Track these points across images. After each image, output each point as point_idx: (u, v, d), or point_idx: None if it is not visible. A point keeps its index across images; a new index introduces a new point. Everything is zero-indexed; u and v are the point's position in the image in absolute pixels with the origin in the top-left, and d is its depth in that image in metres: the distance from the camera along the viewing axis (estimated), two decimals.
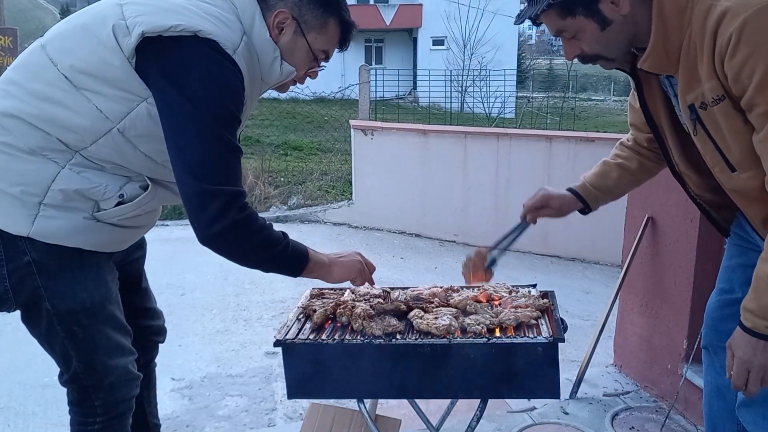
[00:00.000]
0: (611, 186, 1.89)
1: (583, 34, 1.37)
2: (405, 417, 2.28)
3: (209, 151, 1.45)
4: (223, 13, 1.52)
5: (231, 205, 1.46)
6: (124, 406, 1.74)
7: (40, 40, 1.57)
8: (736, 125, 1.31)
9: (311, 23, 1.61)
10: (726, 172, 1.41)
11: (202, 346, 3.87)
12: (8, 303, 1.58)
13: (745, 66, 1.21)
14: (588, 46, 1.39)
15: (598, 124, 16.76)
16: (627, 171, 1.87)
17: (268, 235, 1.55)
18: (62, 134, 1.49)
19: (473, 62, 19.42)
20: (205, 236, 1.48)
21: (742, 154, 1.34)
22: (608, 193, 1.90)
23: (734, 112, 1.29)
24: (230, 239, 1.48)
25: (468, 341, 1.64)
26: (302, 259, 1.64)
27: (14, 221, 1.51)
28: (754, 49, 1.19)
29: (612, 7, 1.33)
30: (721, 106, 1.30)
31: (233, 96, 1.50)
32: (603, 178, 1.89)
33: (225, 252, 1.53)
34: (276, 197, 8.04)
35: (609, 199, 1.92)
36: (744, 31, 1.19)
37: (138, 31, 1.42)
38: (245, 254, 1.56)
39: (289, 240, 1.61)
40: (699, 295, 2.64)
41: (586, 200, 1.91)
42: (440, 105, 15.61)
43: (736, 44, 1.20)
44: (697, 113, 1.35)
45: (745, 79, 1.22)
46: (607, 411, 2.79)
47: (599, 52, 1.40)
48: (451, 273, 5.68)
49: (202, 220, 1.46)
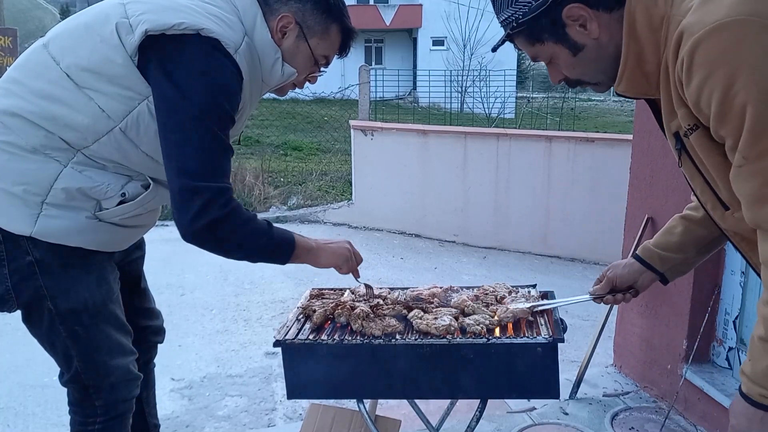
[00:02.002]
0: (676, 243, 1.59)
1: (557, 59, 1.28)
2: (405, 417, 2.28)
3: (199, 147, 1.46)
4: (225, 14, 1.53)
5: (214, 201, 1.45)
6: (125, 406, 1.75)
7: (42, 39, 1.57)
8: (715, 159, 1.16)
9: (314, 28, 1.62)
10: (719, 210, 1.26)
11: (201, 347, 3.87)
12: (9, 303, 1.58)
13: (701, 94, 1.06)
14: (566, 70, 1.30)
15: (598, 124, 16.76)
16: (693, 222, 1.55)
17: (252, 229, 1.55)
18: (64, 133, 1.49)
19: (473, 62, 19.40)
20: (186, 233, 1.47)
21: (730, 192, 1.17)
22: (676, 251, 1.59)
23: (710, 144, 1.15)
24: (212, 236, 1.48)
25: (467, 341, 1.64)
26: (288, 247, 1.64)
27: (16, 221, 1.51)
28: (707, 75, 1.04)
29: (581, 32, 1.22)
30: (696, 137, 1.16)
31: (229, 95, 1.50)
32: (667, 235, 1.61)
33: (208, 248, 1.53)
34: (276, 197, 8.04)
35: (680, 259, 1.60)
36: (696, 54, 1.04)
37: (141, 29, 1.43)
38: (229, 249, 1.56)
39: (274, 230, 1.60)
40: (699, 295, 2.65)
41: (649, 263, 1.62)
42: (440, 105, 15.62)
43: (689, 69, 1.06)
44: (682, 142, 1.21)
45: (705, 109, 1.08)
46: (607, 411, 2.79)
47: (579, 77, 1.30)
48: (451, 273, 5.68)
49: (185, 217, 1.46)
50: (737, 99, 1.02)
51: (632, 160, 3.09)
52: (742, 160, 1.07)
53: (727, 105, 1.03)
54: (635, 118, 3.12)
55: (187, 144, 1.45)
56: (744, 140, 1.05)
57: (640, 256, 1.64)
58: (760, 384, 1.15)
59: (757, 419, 1.17)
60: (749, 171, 1.07)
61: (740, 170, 1.09)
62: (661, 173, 2.86)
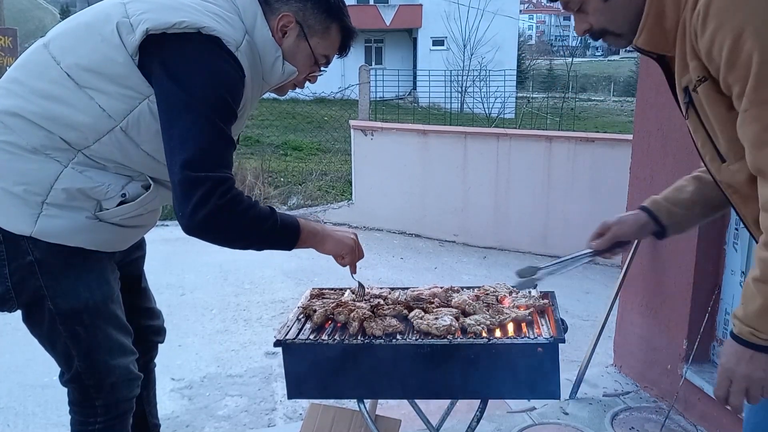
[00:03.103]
0: (686, 200, 1.60)
1: (587, 5, 1.33)
2: (405, 417, 2.28)
3: (200, 139, 1.44)
4: (226, 12, 1.53)
5: (214, 190, 1.43)
6: (125, 406, 1.75)
7: (42, 39, 1.58)
8: (719, 111, 1.23)
9: (314, 28, 1.63)
10: (716, 162, 1.31)
11: (201, 347, 3.87)
12: (10, 303, 1.58)
13: (714, 42, 1.15)
14: (593, 18, 1.34)
15: (598, 124, 16.77)
16: (705, 184, 1.57)
17: (254, 215, 1.51)
18: (65, 133, 1.49)
19: (473, 62, 19.42)
20: (188, 224, 1.45)
21: (728, 144, 1.25)
22: (685, 207, 1.60)
23: (716, 96, 1.22)
24: (213, 225, 1.45)
25: (468, 341, 1.64)
26: (294, 231, 1.60)
27: (17, 220, 1.51)
28: (720, 24, 1.13)
29: None
30: (704, 88, 1.23)
31: (232, 90, 1.50)
32: (677, 192, 1.62)
33: (211, 238, 1.50)
34: (276, 197, 8.04)
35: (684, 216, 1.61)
36: (711, 6, 1.14)
37: (142, 29, 1.43)
38: (233, 238, 1.53)
39: (278, 215, 1.57)
40: (699, 295, 2.65)
41: (656, 215, 1.62)
42: (440, 105, 15.63)
43: (704, 20, 1.15)
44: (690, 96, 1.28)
45: (716, 57, 1.16)
46: (607, 411, 2.79)
47: (605, 26, 1.34)
48: (451, 273, 5.68)
49: (186, 208, 1.43)
50: (745, 47, 1.11)
51: (632, 160, 3.09)
52: (747, 104, 1.14)
53: (736, 53, 1.12)
54: (635, 118, 3.12)
55: (188, 136, 1.44)
56: (750, 86, 1.13)
57: (648, 208, 1.64)
58: (751, 325, 1.20)
59: (746, 357, 1.21)
60: (752, 115, 1.14)
61: (745, 114, 1.16)
62: (661, 173, 2.86)
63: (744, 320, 1.21)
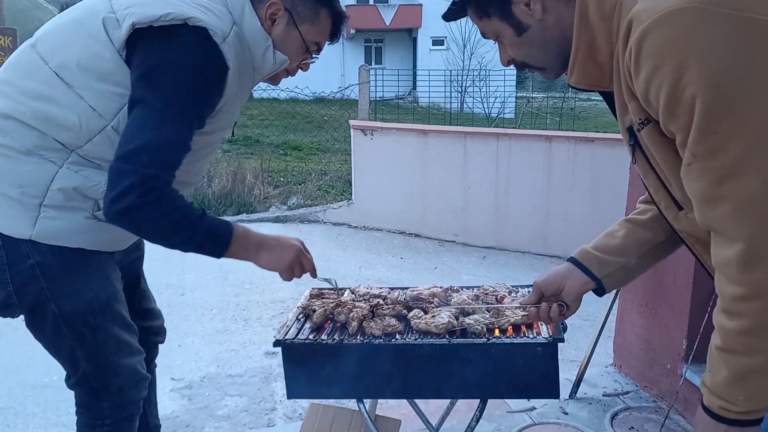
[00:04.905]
0: (617, 246, 1.47)
1: (503, 38, 1.24)
2: (405, 417, 2.28)
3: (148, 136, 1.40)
4: (212, 4, 1.52)
5: (137, 187, 1.38)
6: (133, 408, 1.74)
7: (30, 40, 1.56)
8: (668, 156, 1.09)
9: (303, 14, 1.62)
10: (672, 210, 1.19)
11: (201, 346, 3.87)
12: (12, 308, 1.57)
13: (650, 86, 0.99)
14: (511, 51, 1.25)
15: (598, 124, 16.73)
16: (638, 225, 1.46)
17: (176, 219, 1.46)
18: (57, 133, 1.48)
19: (473, 62, 19.41)
20: (105, 213, 1.43)
21: (683, 191, 1.09)
22: (617, 254, 1.47)
23: (661, 139, 1.07)
24: (129, 220, 1.42)
25: (467, 341, 1.64)
26: (221, 242, 1.54)
27: (16, 224, 1.51)
28: (656, 66, 0.96)
29: (525, 11, 1.17)
30: (647, 131, 1.08)
31: (210, 86, 1.48)
32: (608, 238, 1.49)
33: (131, 232, 1.50)
34: (275, 197, 8.03)
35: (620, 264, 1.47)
36: (644, 44, 0.97)
37: (128, 23, 1.42)
38: (149, 236, 1.51)
39: (207, 224, 1.50)
40: (699, 295, 2.65)
41: (586, 267, 1.48)
42: (440, 105, 15.61)
43: (637, 60, 0.99)
44: (635, 137, 1.13)
45: (654, 102, 1.00)
46: (607, 411, 2.79)
47: (525, 60, 1.25)
48: (451, 273, 5.68)
49: (107, 197, 1.41)
50: (686, 92, 0.95)
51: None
52: (691, 158, 1.01)
53: (676, 99, 0.97)
54: None
55: (138, 131, 1.41)
56: (693, 137, 0.98)
57: (576, 259, 1.50)
58: (720, 396, 1.10)
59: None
60: (698, 169, 1.01)
61: (689, 168, 1.02)
62: None
63: (713, 390, 1.12)
